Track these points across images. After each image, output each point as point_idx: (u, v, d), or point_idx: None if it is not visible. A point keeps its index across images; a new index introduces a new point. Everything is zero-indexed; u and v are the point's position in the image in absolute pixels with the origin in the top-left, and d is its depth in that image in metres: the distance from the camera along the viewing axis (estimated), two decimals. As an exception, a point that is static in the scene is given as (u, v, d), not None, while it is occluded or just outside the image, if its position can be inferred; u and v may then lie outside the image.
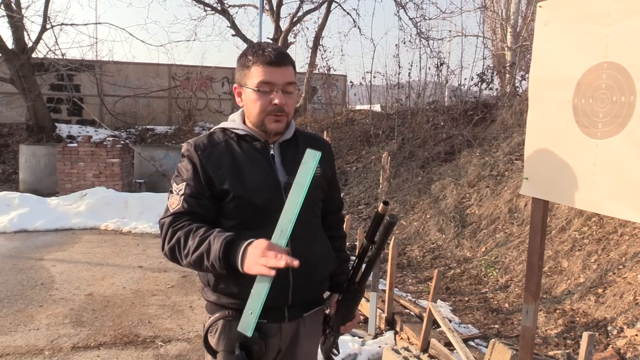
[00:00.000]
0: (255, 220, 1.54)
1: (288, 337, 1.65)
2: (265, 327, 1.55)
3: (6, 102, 14.61)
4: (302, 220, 1.46)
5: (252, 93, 1.55)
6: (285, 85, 1.55)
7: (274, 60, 1.53)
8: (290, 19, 14.48)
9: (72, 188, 9.93)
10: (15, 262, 5.91)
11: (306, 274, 1.54)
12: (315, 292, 1.68)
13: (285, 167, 1.61)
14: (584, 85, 1.76)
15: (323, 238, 1.73)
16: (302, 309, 1.65)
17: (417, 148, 9.50)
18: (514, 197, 6.18)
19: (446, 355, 3.23)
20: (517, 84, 10.48)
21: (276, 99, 1.54)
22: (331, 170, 1.77)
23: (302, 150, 1.53)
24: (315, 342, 1.78)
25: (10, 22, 12.40)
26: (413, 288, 5.17)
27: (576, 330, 3.88)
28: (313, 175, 1.40)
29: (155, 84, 15.86)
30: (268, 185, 1.56)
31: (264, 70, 1.53)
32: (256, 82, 1.54)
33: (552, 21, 1.89)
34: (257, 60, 1.54)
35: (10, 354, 3.58)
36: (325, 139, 1.87)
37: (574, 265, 4.63)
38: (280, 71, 1.54)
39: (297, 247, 1.50)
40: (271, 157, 1.61)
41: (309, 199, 1.48)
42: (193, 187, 1.54)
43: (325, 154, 1.69)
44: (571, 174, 1.80)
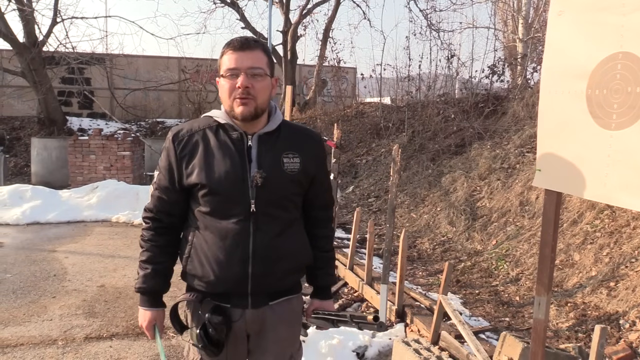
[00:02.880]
0: (222, 210, 1.62)
1: (255, 324, 1.69)
2: (229, 312, 1.65)
3: (18, 96, 14.73)
4: (269, 216, 1.62)
5: (222, 80, 1.62)
6: (249, 69, 1.58)
7: (238, 46, 1.59)
8: (300, 11, 14.44)
9: (84, 181, 10.01)
10: (28, 254, 5.97)
11: (266, 267, 1.63)
12: (279, 282, 1.70)
13: (259, 160, 1.63)
14: (598, 75, 1.73)
15: (295, 232, 1.73)
16: (266, 298, 1.70)
17: (427, 141, 9.46)
18: (525, 190, 6.14)
19: (457, 347, 3.23)
20: (529, 76, 10.40)
21: (239, 81, 1.57)
22: (316, 167, 1.75)
23: (281, 144, 1.64)
24: (293, 329, 1.81)
25: (21, 16, 12.47)
26: (423, 281, 5.16)
27: (587, 323, 3.86)
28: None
29: (165, 77, 15.91)
30: (235, 178, 1.60)
31: (229, 57, 1.60)
32: (223, 69, 1.61)
33: (566, 11, 1.87)
34: (226, 49, 1.61)
35: (24, 344, 3.62)
36: (316, 133, 1.85)
37: (585, 258, 4.60)
38: (245, 55, 1.59)
39: (260, 239, 1.62)
40: (247, 149, 1.63)
41: (280, 194, 1.62)
42: (165, 176, 1.68)
43: (310, 147, 1.73)
44: (585, 165, 1.78)
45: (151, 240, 1.71)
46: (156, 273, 1.71)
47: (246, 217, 1.61)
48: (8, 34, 12.42)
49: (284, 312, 1.73)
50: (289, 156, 1.66)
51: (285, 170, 1.64)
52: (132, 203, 8.40)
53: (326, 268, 1.86)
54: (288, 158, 1.66)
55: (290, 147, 1.68)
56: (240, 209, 1.60)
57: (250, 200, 1.60)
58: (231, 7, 14.76)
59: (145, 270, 1.71)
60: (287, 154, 1.66)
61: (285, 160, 1.65)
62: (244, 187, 1.60)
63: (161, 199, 1.70)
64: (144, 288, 1.72)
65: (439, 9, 13.36)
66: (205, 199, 1.63)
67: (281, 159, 1.65)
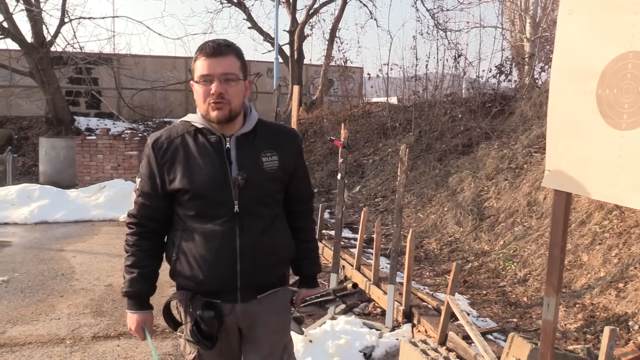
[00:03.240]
0: (207, 212, 1.66)
1: (245, 317, 1.75)
2: (219, 307, 1.70)
3: (26, 96, 14.82)
4: (253, 215, 1.67)
5: (196, 85, 1.65)
6: (222, 76, 1.61)
7: (210, 52, 1.61)
8: (307, 11, 14.45)
9: (91, 180, 10.06)
10: (36, 253, 6.01)
11: (254, 263, 1.69)
12: (266, 277, 1.76)
13: (238, 161, 1.67)
14: (609, 75, 1.72)
15: (278, 228, 1.78)
16: (255, 291, 1.75)
17: (434, 141, 9.43)
18: (533, 190, 6.11)
19: (464, 348, 3.22)
20: (537, 76, 10.34)
21: (213, 87, 1.60)
22: (294, 163, 1.79)
23: (258, 143, 1.70)
24: (283, 320, 1.86)
25: (29, 16, 12.54)
26: (430, 281, 5.15)
27: (596, 325, 3.83)
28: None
29: (172, 77, 15.96)
30: (217, 180, 1.64)
31: (202, 63, 1.62)
32: (197, 75, 1.63)
33: (576, 10, 1.85)
34: (199, 54, 1.63)
35: (32, 342, 3.64)
36: (293, 130, 1.93)
37: (594, 259, 4.57)
38: (218, 62, 1.61)
39: (246, 237, 1.67)
40: (226, 151, 1.67)
41: (262, 192, 1.67)
42: (147, 183, 1.71)
43: (287, 145, 1.77)
44: (595, 165, 1.77)
45: (136, 245, 1.75)
46: (142, 277, 1.75)
47: (231, 218, 1.66)
48: (16, 34, 12.50)
49: (272, 304, 1.79)
50: (267, 155, 1.71)
51: (265, 169, 1.69)
52: (139, 202, 8.41)
53: (311, 257, 1.91)
54: (267, 157, 1.70)
55: (268, 146, 1.72)
56: (225, 210, 1.65)
57: (234, 201, 1.65)
58: (238, 7, 14.79)
59: (132, 274, 1.75)
60: (266, 152, 1.71)
61: (264, 159, 1.70)
62: (227, 189, 1.65)
63: (144, 205, 1.73)
64: (131, 292, 1.76)
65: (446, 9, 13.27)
66: (190, 203, 1.67)
67: (260, 159, 1.69)
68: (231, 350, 1.80)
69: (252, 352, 1.81)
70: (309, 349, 3.28)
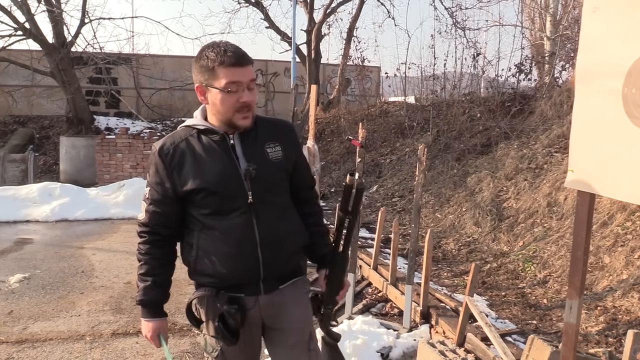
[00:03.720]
0: (223, 207, 1.69)
1: (269, 309, 1.78)
2: (243, 301, 1.73)
3: (47, 95, 15.06)
4: (265, 202, 1.73)
5: (220, 93, 1.65)
6: (249, 83, 1.67)
7: (237, 61, 1.64)
8: (324, 10, 14.43)
9: (111, 179, 10.18)
10: (57, 251, 6.09)
11: (274, 251, 1.73)
12: (286, 265, 1.80)
13: (245, 154, 1.72)
14: (635, 74, 1.68)
15: (291, 216, 1.84)
16: (276, 282, 1.79)
17: (452, 140, 9.36)
18: (554, 191, 6.02)
19: (483, 350, 3.18)
20: (557, 75, 10.20)
21: (244, 97, 1.65)
22: (295, 152, 1.85)
23: (261, 137, 1.76)
24: (306, 310, 1.89)
25: (50, 17, 12.73)
26: (448, 282, 5.11)
27: (618, 328, 3.77)
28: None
29: (190, 77, 16.00)
30: (228, 175, 1.69)
31: (229, 71, 1.63)
32: (224, 82, 1.63)
33: (601, 8, 1.82)
34: (222, 61, 1.63)
35: (53, 338, 3.70)
36: (286, 121, 1.98)
37: (616, 261, 4.49)
38: (244, 70, 1.65)
39: (263, 225, 1.71)
40: (231, 147, 1.72)
41: (272, 182, 1.74)
42: (157, 191, 1.74)
43: (287, 136, 1.83)
44: (620, 166, 1.73)
45: (149, 254, 1.78)
46: (156, 285, 1.78)
47: (246, 209, 1.70)
48: (38, 34, 12.69)
49: (294, 294, 1.83)
50: (270, 146, 1.76)
51: (271, 159, 1.75)
52: (158, 201, 8.49)
53: (323, 240, 1.95)
54: (270, 148, 1.76)
55: (270, 138, 1.78)
56: (240, 203, 1.69)
57: (247, 192, 1.69)
58: (255, 7, 14.84)
59: (145, 282, 1.78)
60: (269, 144, 1.77)
61: (269, 150, 1.76)
62: (239, 181, 1.69)
63: (156, 213, 1.75)
64: (145, 300, 1.79)
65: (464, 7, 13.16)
66: (204, 201, 1.69)
67: (265, 150, 1.75)
68: (253, 345, 1.83)
69: (277, 344, 1.84)
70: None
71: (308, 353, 1.84)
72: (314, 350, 1.87)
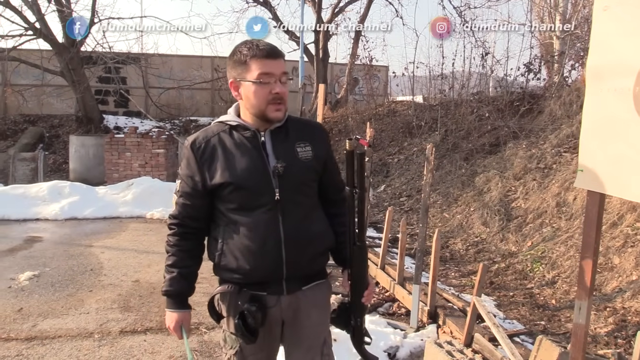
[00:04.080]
0: (250, 203, 1.71)
1: (289, 309, 1.78)
2: (265, 299, 1.74)
3: (57, 95, 15.17)
4: (293, 202, 1.73)
5: (252, 85, 1.68)
6: (281, 75, 1.69)
7: (270, 53, 1.68)
8: (332, 9, 14.42)
9: (119, 177, 10.22)
10: (66, 249, 6.13)
11: (298, 250, 1.72)
12: (310, 266, 1.80)
13: (275, 152, 1.74)
14: (646, 73, 1.67)
15: (318, 217, 1.83)
16: (300, 283, 1.78)
17: (460, 140, 9.32)
18: (562, 191, 5.98)
19: (490, 350, 3.17)
20: (566, 74, 10.12)
21: (277, 88, 1.68)
22: (326, 152, 1.85)
23: (292, 135, 1.77)
24: (324, 314, 1.88)
25: (61, 17, 12.82)
26: (456, 282, 5.09)
27: (628, 329, 3.74)
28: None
29: (199, 76, 16.11)
30: (257, 171, 1.70)
31: (262, 62, 1.66)
32: (256, 74, 1.66)
33: (611, 6, 1.80)
34: (254, 54, 1.67)
35: (62, 336, 3.72)
36: (318, 122, 1.99)
37: (625, 262, 4.45)
38: (277, 63, 1.69)
39: (289, 224, 1.71)
40: (262, 144, 1.74)
41: (300, 181, 1.74)
42: (187, 183, 1.76)
43: (318, 136, 1.84)
44: (630, 165, 1.72)
45: (177, 245, 1.80)
46: (182, 276, 1.79)
47: (273, 206, 1.70)
48: (48, 34, 12.78)
49: (315, 297, 1.83)
50: (301, 145, 1.77)
51: (301, 159, 1.75)
52: (166, 200, 8.51)
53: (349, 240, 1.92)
54: (300, 147, 1.77)
55: (300, 138, 1.79)
56: (266, 200, 1.70)
57: (275, 189, 1.70)
58: (264, 6, 14.84)
59: (172, 273, 1.79)
60: (299, 143, 1.77)
61: (299, 150, 1.76)
62: (267, 178, 1.70)
63: (186, 205, 1.78)
64: (171, 291, 1.81)
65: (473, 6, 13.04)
66: (232, 196, 1.71)
67: (295, 149, 1.76)
68: (272, 344, 1.84)
69: (292, 344, 1.85)
70: (333, 348, 3.27)
71: (321, 357, 1.85)
72: (327, 355, 1.87)
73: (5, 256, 5.79)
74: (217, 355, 3.46)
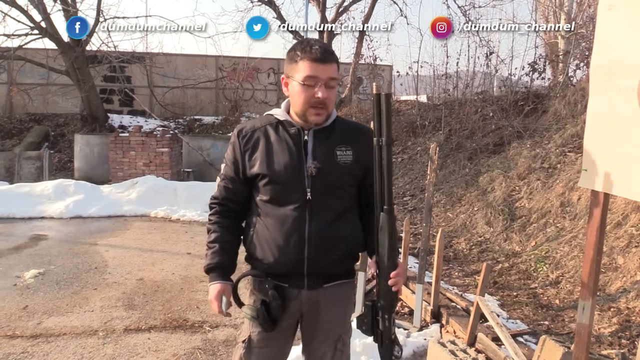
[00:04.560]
0: (281, 198, 1.75)
1: (309, 303, 1.82)
2: (286, 292, 1.78)
3: (62, 93, 15.21)
4: (324, 204, 1.75)
5: (298, 85, 1.71)
6: (328, 80, 1.70)
7: (319, 57, 1.69)
8: (336, 9, 14.42)
9: (124, 176, 10.25)
10: (71, 247, 6.16)
11: (321, 251, 1.74)
12: (333, 267, 1.81)
13: (314, 152, 1.76)
14: (650, 72, 1.67)
15: (349, 219, 1.82)
16: (321, 280, 1.81)
17: (464, 139, 9.31)
18: (567, 191, 5.97)
19: (494, 350, 3.17)
20: (571, 74, 10.10)
21: (319, 92, 1.69)
22: (368, 158, 1.73)
23: (334, 138, 1.78)
24: (343, 312, 1.90)
25: (66, 16, 12.84)
26: (459, 281, 5.09)
27: (632, 329, 3.73)
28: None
29: (203, 75, 16.14)
30: (292, 168, 1.74)
31: (310, 65, 1.69)
32: (302, 76, 1.69)
33: (616, 5, 1.80)
34: (305, 55, 1.69)
35: (67, 333, 3.74)
36: (366, 126, 1.96)
37: (630, 262, 4.44)
38: (325, 67, 1.70)
39: (315, 224, 1.74)
40: (304, 143, 1.77)
41: (335, 184, 1.75)
42: (231, 168, 1.84)
43: (362, 141, 1.81)
44: (634, 165, 1.72)
45: (217, 223, 1.86)
46: (223, 250, 1.84)
47: (302, 205, 1.74)
48: (53, 33, 12.82)
49: (335, 295, 1.85)
50: (342, 149, 1.78)
51: (339, 162, 1.76)
52: (170, 199, 8.56)
53: None
54: (341, 151, 1.78)
55: (343, 141, 1.79)
56: (297, 197, 1.74)
57: (307, 189, 1.73)
58: (268, 6, 14.84)
59: (213, 248, 1.84)
60: (340, 147, 1.78)
61: (339, 153, 1.77)
62: (301, 177, 1.73)
63: (227, 188, 1.86)
64: (212, 264, 1.83)
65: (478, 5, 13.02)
66: (265, 188, 1.77)
67: (334, 152, 1.77)
68: (282, 336, 1.86)
69: (308, 338, 1.89)
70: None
71: (334, 351, 1.86)
72: (340, 350, 1.87)
73: (11, 254, 5.82)
74: (220, 353, 3.47)
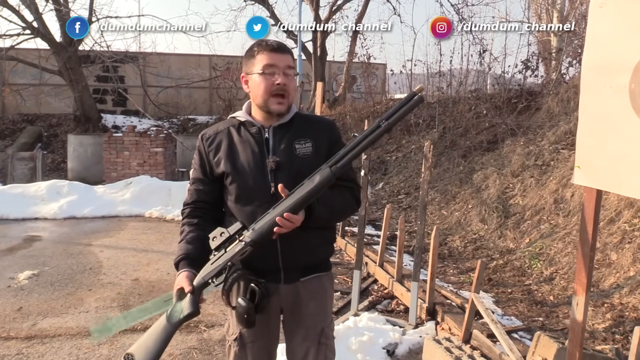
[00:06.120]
0: (248, 195, 1.80)
1: (288, 298, 1.85)
2: (266, 286, 1.77)
3: (55, 94, 15.14)
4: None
5: (258, 77, 1.78)
6: (285, 68, 1.78)
7: (275, 47, 1.79)
8: (330, 7, 14.41)
9: (118, 176, 10.22)
10: (65, 248, 6.14)
11: (293, 242, 1.76)
12: (308, 258, 1.85)
13: (274, 148, 1.82)
14: (642, 69, 1.68)
15: None
16: (298, 273, 1.85)
17: (458, 137, 9.33)
18: (560, 188, 6.00)
19: (489, 346, 3.18)
20: (564, 71, 10.15)
21: (279, 78, 1.76)
22: (329, 148, 1.83)
23: (293, 132, 1.83)
24: (323, 305, 1.93)
25: (58, 16, 12.79)
26: (454, 279, 5.11)
27: (625, 325, 3.76)
28: None
29: (197, 75, 16.09)
30: (255, 165, 1.79)
31: (267, 55, 1.77)
32: (261, 65, 1.77)
33: (608, 3, 1.81)
34: (262, 49, 1.79)
35: (62, 334, 3.73)
36: (326, 119, 2.05)
37: (623, 258, 4.47)
38: (281, 56, 1.78)
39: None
40: (265, 140, 1.83)
41: (296, 175, 1.74)
42: (198, 171, 1.91)
43: (321, 132, 1.88)
44: (627, 162, 1.73)
45: (187, 223, 1.88)
46: (187, 242, 1.83)
47: (268, 200, 1.76)
48: (46, 33, 12.76)
49: (314, 288, 1.88)
50: (300, 142, 1.83)
51: (298, 155, 1.81)
52: (165, 198, 8.54)
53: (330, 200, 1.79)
54: (300, 144, 1.83)
55: (301, 135, 1.84)
56: (262, 193, 1.78)
57: (270, 183, 1.78)
58: (261, 4, 14.83)
59: (179, 245, 1.85)
60: (299, 140, 1.83)
61: (297, 146, 1.82)
62: (264, 172, 1.79)
63: (197, 190, 1.90)
64: (178, 257, 1.81)
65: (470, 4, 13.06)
66: (232, 187, 1.82)
67: (293, 145, 1.82)
68: (270, 331, 1.90)
69: (290, 334, 1.91)
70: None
71: (317, 346, 1.87)
72: (324, 344, 1.89)
73: (5, 255, 5.79)
74: (216, 353, 3.47)
